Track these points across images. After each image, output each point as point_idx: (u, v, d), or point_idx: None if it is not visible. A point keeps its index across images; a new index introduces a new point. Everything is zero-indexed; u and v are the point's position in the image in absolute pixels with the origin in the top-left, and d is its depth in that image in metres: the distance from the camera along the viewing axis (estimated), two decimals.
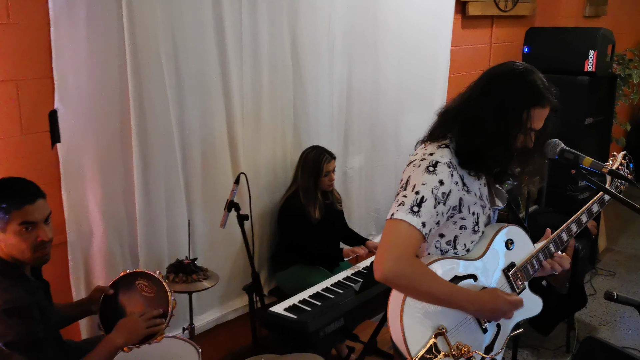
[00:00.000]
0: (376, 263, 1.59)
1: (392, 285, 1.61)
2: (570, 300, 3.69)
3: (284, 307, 2.68)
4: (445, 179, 1.63)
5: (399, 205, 1.61)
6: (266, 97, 3.13)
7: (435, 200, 1.61)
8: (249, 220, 2.54)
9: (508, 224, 1.84)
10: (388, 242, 1.59)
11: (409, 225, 1.58)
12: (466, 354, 1.70)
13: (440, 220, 1.65)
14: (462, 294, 1.67)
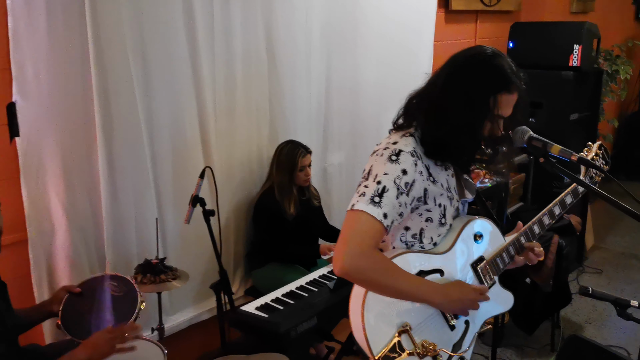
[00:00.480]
0: (335, 257, 1.51)
1: (352, 279, 1.53)
2: (555, 298, 3.62)
3: (256, 306, 2.59)
4: (409, 168, 1.55)
5: (360, 195, 1.54)
6: (240, 92, 3.06)
7: (397, 190, 1.53)
8: (216, 216, 2.45)
9: (477, 217, 1.76)
10: (347, 235, 1.51)
11: (370, 217, 1.50)
12: (432, 352, 1.63)
13: (404, 211, 1.57)
14: (426, 286, 1.60)
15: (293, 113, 3.33)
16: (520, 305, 3.71)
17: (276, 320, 2.46)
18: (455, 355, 1.70)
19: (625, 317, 1.79)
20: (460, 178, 1.78)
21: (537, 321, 3.70)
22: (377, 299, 1.57)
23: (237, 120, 3.08)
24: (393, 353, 1.58)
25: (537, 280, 3.61)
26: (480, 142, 1.62)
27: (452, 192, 1.70)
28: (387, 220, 1.52)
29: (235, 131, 3.08)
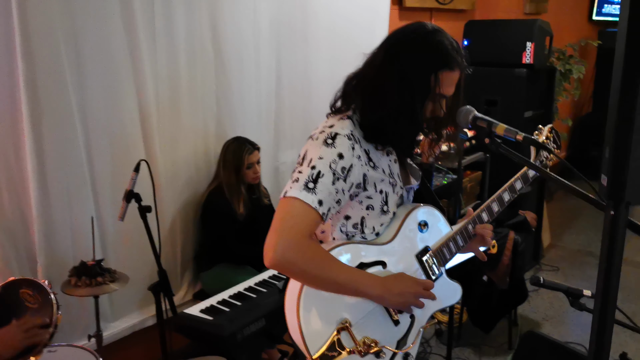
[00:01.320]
0: (266, 248, 1.40)
1: (285, 271, 1.43)
2: (511, 295, 3.59)
3: (200, 309, 2.46)
4: (345, 153, 1.46)
5: (293, 182, 1.44)
6: (184, 87, 2.93)
7: (333, 175, 1.44)
8: (159, 214, 2.31)
9: (422, 204, 1.68)
10: (279, 224, 1.41)
11: (303, 204, 1.40)
12: (374, 349, 1.53)
13: (341, 198, 1.48)
14: (365, 279, 1.49)
15: (242, 110, 3.22)
16: (477, 303, 3.66)
17: (221, 322, 2.34)
18: (400, 352, 1.61)
19: (578, 307, 1.73)
20: (404, 164, 1.69)
21: (495, 319, 3.65)
22: (313, 294, 1.47)
23: (182, 117, 2.95)
24: (332, 352, 1.47)
25: (493, 278, 3.57)
26: (421, 124, 1.54)
27: (395, 179, 1.61)
28: (323, 207, 1.42)
29: (180, 127, 2.94)
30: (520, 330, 3.74)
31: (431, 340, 3.71)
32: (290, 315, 1.49)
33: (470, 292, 3.67)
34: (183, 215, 3.05)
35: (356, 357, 1.51)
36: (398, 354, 1.60)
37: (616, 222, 1.01)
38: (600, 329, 1.09)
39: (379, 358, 1.55)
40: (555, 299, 4.28)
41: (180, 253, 3.07)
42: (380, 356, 1.55)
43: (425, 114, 1.53)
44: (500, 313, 3.66)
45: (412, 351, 1.64)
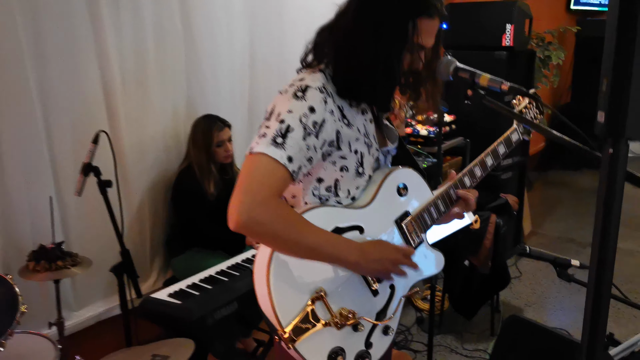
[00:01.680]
0: (230, 209, 1.28)
1: (251, 233, 1.30)
2: (493, 280, 3.50)
3: (168, 293, 2.32)
4: (317, 106, 1.34)
5: (260, 137, 1.32)
6: (152, 63, 2.78)
7: (304, 130, 1.32)
8: (115, 187, 2.17)
9: (400, 167, 1.56)
10: (244, 183, 1.28)
11: (271, 160, 1.28)
12: (351, 320, 1.42)
13: (313, 156, 1.36)
14: (340, 243, 1.38)
15: (214, 88, 3.08)
16: (458, 289, 3.57)
17: (189, 306, 2.20)
18: (380, 323, 1.49)
19: (566, 278, 1.64)
20: (380, 124, 1.58)
21: (477, 305, 3.57)
22: (285, 260, 1.35)
23: (149, 94, 2.80)
24: (306, 324, 1.35)
25: (475, 262, 3.48)
26: (399, 77, 1.42)
27: (371, 139, 1.49)
28: (293, 164, 1.30)
29: (147, 105, 2.80)
30: (503, 316, 3.67)
31: (412, 328, 3.61)
32: (259, 285, 1.36)
33: (452, 278, 3.58)
34: (152, 198, 2.91)
35: (332, 329, 1.40)
36: (377, 326, 1.49)
37: (615, 160, 0.90)
38: (597, 292, 0.98)
39: (356, 331, 1.44)
40: (537, 284, 4.22)
41: (150, 237, 2.93)
42: (358, 329, 1.44)
43: (403, 67, 1.42)
44: (483, 299, 3.57)
45: (393, 323, 1.53)
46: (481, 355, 3.35)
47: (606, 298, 0.97)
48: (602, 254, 0.96)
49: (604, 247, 0.96)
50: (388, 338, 1.53)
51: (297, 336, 1.33)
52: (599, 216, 0.95)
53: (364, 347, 1.47)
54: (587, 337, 1.00)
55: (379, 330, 1.51)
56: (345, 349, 1.42)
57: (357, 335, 1.45)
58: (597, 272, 0.97)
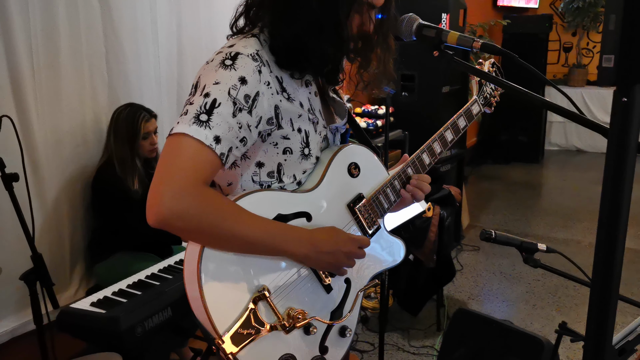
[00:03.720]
0: (149, 200, 1.06)
1: (176, 229, 1.09)
2: (439, 274, 3.41)
3: (91, 302, 2.05)
4: (249, 76, 1.13)
5: (182, 115, 1.11)
6: (65, 47, 2.48)
7: (233, 105, 1.11)
8: (24, 183, 1.88)
9: (350, 144, 1.38)
10: (164, 170, 1.08)
11: (194, 141, 1.08)
12: (301, 322, 1.22)
13: (247, 136, 1.15)
14: (285, 232, 1.18)
15: (137, 75, 2.81)
16: (404, 285, 3.46)
17: (115, 315, 1.94)
18: (335, 324, 1.30)
19: (532, 263, 1.52)
20: (327, 98, 1.39)
21: (422, 300, 3.46)
22: (218, 256, 1.14)
23: (64, 81, 2.50)
24: (248, 329, 1.15)
25: (420, 257, 3.38)
26: (348, 41, 1.22)
27: (317, 115, 1.30)
28: (222, 146, 1.10)
29: (61, 92, 2.49)
30: (448, 310, 3.58)
31: (357, 327, 3.45)
32: (190, 287, 1.15)
33: (397, 274, 3.46)
34: (70, 197, 2.60)
35: (280, 334, 1.20)
36: (333, 326, 1.30)
37: (630, 110, 0.76)
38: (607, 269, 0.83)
39: (308, 334, 1.25)
40: (478, 277, 4.18)
41: (69, 242, 2.62)
42: (310, 331, 1.25)
43: (352, 29, 1.23)
44: (428, 294, 3.47)
45: (350, 323, 1.35)
46: (428, 352, 3.24)
47: (616, 287, 0.82)
48: (611, 232, 0.81)
49: (614, 223, 0.81)
50: (346, 340, 1.35)
51: (238, 344, 1.13)
52: (607, 183, 0.81)
53: (318, 352, 1.29)
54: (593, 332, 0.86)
55: (335, 331, 1.32)
56: (296, 356, 1.23)
57: (309, 339, 1.26)
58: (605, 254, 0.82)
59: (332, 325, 1.30)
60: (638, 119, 0.77)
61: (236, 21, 1.28)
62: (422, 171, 1.47)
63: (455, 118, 1.55)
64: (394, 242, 1.46)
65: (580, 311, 3.66)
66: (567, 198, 6.01)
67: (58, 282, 2.57)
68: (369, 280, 1.41)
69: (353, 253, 1.26)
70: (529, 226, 5.25)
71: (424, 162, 1.48)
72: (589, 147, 7.84)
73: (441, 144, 1.51)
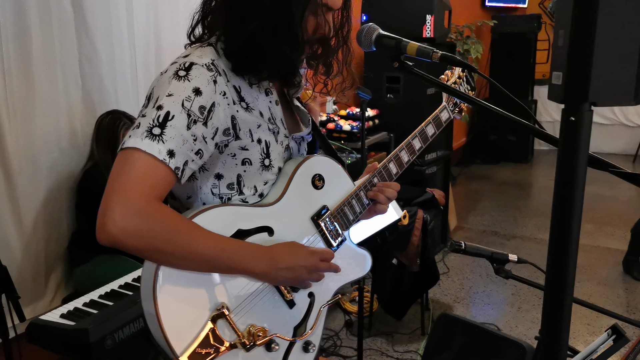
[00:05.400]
0: (99, 218, 1.03)
1: (128, 249, 1.05)
2: (423, 278, 3.38)
3: (61, 314, 2.00)
4: (204, 87, 1.11)
5: (134, 128, 1.08)
6: (37, 51, 2.43)
7: (188, 117, 1.08)
8: None
9: (315, 155, 1.35)
10: (114, 186, 1.05)
11: (146, 156, 1.05)
12: (261, 339, 1.19)
13: (203, 149, 1.12)
14: (242, 250, 1.16)
15: (113, 80, 2.76)
16: (388, 289, 3.43)
17: (84, 327, 1.89)
18: (297, 340, 1.28)
19: (503, 275, 1.49)
20: (291, 105, 1.36)
21: (406, 304, 3.44)
22: (174, 274, 1.11)
23: (37, 87, 2.45)
24: (206, 348, 1.12)
25: (403, 260, 3.35)
26: (302, 44, 1.19)
27: (278, 124, 1.27)
28: (176, 160, 1.07)
29: (36, 100, 2.45)
30: (432, 314, 3.56)
31: (341, 332, 3.43)
32: (147, 307, 1.12)
33: (381, 278, 3.43)
34: (45, 205, 2.55)
35: (240, 352, 1.17)
36: (295, 343, 1.27)
37: (578, 129, 0.73)
38: (556, 295, 0.81)
39: (270, 351, 1.22)
40: (465, 280, 4.16)
41: (44, 251, 2.57)
42: (272, 348, 1.22)
43: (308, 31, 1.20)
44: (412, 297, 3.45)
45: (314, 338, 1.32)
46: (412, 357, 3.22)
47: (568, 302, 0.80)
48: (561, 249, 0.79)
49: (565, 236, 0.79)
50: (309, 356, 1.32)
51: None
52: (558, 200, 0.78)
53: None
54: (548, 345, 0.83)
55: (298, 347, 1.29)
56: None
57: (271, 355, 1.23)
58: (555, 274, 0.80)
59: (294, 342, 1.27)
60: (587, 138, 0.74)
61: (193, 30, 1.25)
62: (388, 180, 1.44)
63: (424, 126, 1.53)
64: (359, 254, 1.43)
65: None
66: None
67: (32, 292, 2.54)
68: (333, 295, 1.37)
69: (315, 267, 1.23)
70: (517, 227, 5.23)
71: (391, 172, 1.46)
72: None
73: (409, 152, 1.48)
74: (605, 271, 4.22)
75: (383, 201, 1.41)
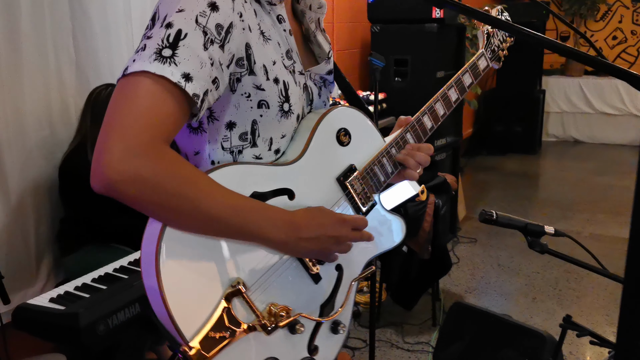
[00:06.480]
0: (94, 161, 0.86)
1: (126, 198, 0.87)
2: (434, 266, 3.22)
3: (50, 297, 1.85)
4: (221, 2, 0.93)
5: (138, 51, 0.89)
6: (27, 22, 2.27)
7: (204, 35, 0.91)
8: None
9: (339, 106, 1.18)
10: (114, 120, 0.86)
11: (155, 81, 0.86)
12: (285, 319, 1.01)
13: (219, 79, 0.94)
14: (258, 211, 0.97)
15: (108, 54, 2.60)
16: (397, 277, 3.28)
17: (75, 311, 1.74)
18: (325, 320, 1.10)
19: (538, 248, 1.34)
20: (304, 39, 1.18)
21: (417, 294, 3.28)
22: (183, 241, 0.93)
23: (26, 61, 2.29)
24: (220, 332, 0.94)
25: (413, 247, 3.19)
26: None
27: (295, 58, 1.10)
28: (194, 86, 0.88)
29: (24, 75, 2.28)
30: (443, 304, 3.41)
31: (349, 323, 3.28)
32: (148, 279, 0.93)
33: (390, 266, 3.28)
34: (35, 186, 2.40)
35: (260, 335, 1.00)
36: (323, 323, 1.10)
37: None
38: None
39: (294, 333, 1.05)
40: (476, 270, 4.00)
41: (34, 234, 2.42)
42: (296, 330, 1.04)
43: None
44: (423, 287, 3.29)
45: (344, 318, 1.15)
46: (423, 348, 3.07)
47: None
48: None
49: None
50: (339, 337, 1.16)
51: (209, 351, 0.93)
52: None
53: (306, 353, 1.10)
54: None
55: (326, 328, 1.13)
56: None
57: (295, 339, 1.07)
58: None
59: (321, 322, 1.11)
60: None
61: None
62: (423, 137, 1.28)
63: (460, 74, 1.37)
64: (392, 221, 1.26)
65: (582, 304, 3.49)
66: (566, 189, 5.84)
67: (23, 278, 2.39)
68: (364, 266, 1.20)
69: (344, 237, 1.06)
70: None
71: (425, 127, 1.29)
72: (587, 138, 7.66)
73: (444, 104, 1.32)
74: (620, 261, 4.05)
75: (413, 166, 1.25)
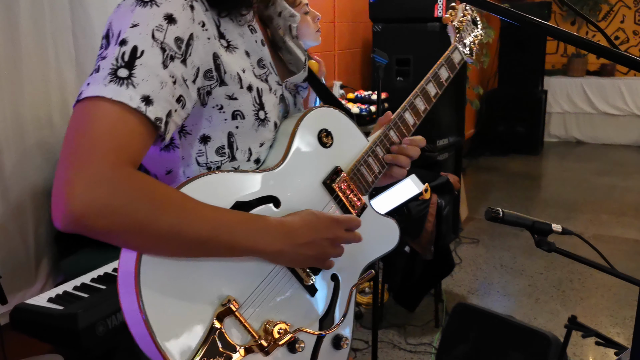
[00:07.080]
0: (54, 195, 0.77)
1: (96, 233, 0.78)
2: (436, 267, 3.20)
3: (49, 297, 1.84)
4: (179, 13, 0.87)
5: (93, 74, 0.83)
6: (26, 20, 2.25)
7: (162, 52, 0.84)
8: None
9: (317, 106, 1.13)
10: (71, 149, 0.78)
11: (113, 105, 0.79)
12: (283, 337, 0.96)
13: (185, 95, 0.88)
14: (247, 223, 0.91)
15: None
16: (399, 278, 3.25)
17: (73, 311, 1.72)
18: (325, 333, 1.06)
19: (546, 247, 1.31)
20: (277, 48, 1.15)
21: (419, 295, 3.26)
22: (164, 264, 0.86)
23: (25, 60, 2.26)
24: (214, 357, 0.88)
25: (416, 248, 3.17)
26: None
27: (268, 68, 1.05)
28: (155, 109, 0.82)
29: (24, 75, 2.26)
30: (446, 305, 3.38)
31: None
32: (128, 308, 0.85)
33: (392, 266, 3.25)
34: (34, 186, 2.38)
35: (258, 356, 0.94)
36: (323, 340, 1.06)
37: None
38: None
39: (294, 352, 1.00)
40: (478, 271, 3.98)
41: (33, 234, 2.39)
42: (296, 348, 0.99)
43: None
44: (425, 287, 3.27)
45: (345, 330, 1.11)
46: (426, 349, 3.04)
47: None
48: None
49: None
50: (342, 353, 1.11)
51: None
52: None
53: None
54: None
55: (328, 342, 1.08)
56: None
57: (296, 357, 1.01)
58: None
59: (322, 336, 1.06)
60: None
61: None
62: (406, 133, 1.25)
63: (437, 68, 1.35)
64: (385, 223, 1.23)
65: (586, 305, 3.47)
66: (568, 190, 5.81)
67: (22, 278, 2.37)
68: (361, 273, 1.17)
69: (339, 238, 1.02)
70: None
71: (408, 123, 1.25)
72: (589, 139, 7.63)
73: (424, 99, 1.29)
74: (624, 262, 4.03)
75: (405, 164, 1.22)
